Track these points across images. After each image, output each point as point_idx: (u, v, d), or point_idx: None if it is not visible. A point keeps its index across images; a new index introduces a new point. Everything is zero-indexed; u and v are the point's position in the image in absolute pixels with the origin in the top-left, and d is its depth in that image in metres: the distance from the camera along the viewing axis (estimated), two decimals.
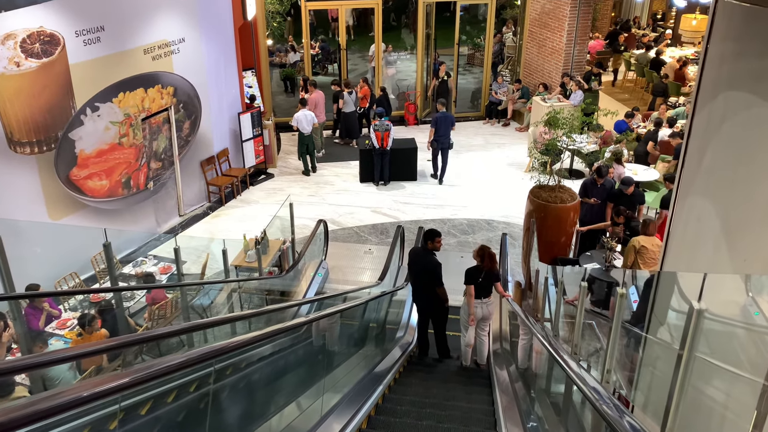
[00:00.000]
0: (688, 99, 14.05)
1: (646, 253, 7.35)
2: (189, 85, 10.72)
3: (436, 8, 21.13)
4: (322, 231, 9.46)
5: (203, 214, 11.37)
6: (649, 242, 7.37)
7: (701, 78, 4.20)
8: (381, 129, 11.91)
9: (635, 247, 7.39)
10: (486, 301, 6.82)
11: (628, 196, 8.89)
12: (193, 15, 10.53)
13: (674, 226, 4.47)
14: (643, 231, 7.48)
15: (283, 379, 5.28)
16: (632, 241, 7.51)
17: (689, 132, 4.34)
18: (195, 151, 11.22)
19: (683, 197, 4.37)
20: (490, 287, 6.81)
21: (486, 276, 6.69)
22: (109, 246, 4.70)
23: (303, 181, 12.52)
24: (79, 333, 7.04)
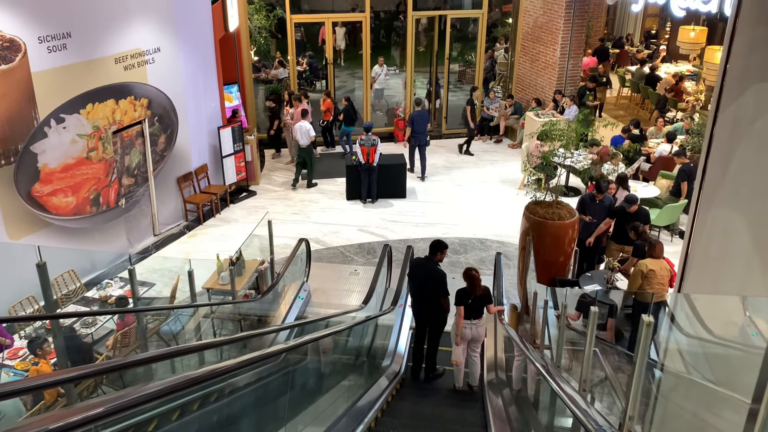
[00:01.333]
0: (685, 114, 13.64)
1: (654, 278, 6.78)
2: (165, 97, 10.16)
3: (428, 25, 20.96)
4: (304, 250, 8.85)
5: (179, 233, 10.74)
6: (657, 266, 6.80)
7: (725, 72, 3.67)
8: (367, 144, 11.37)
9: (642, 271, 6.82)
10: (476, 322, 6.63)
11: (631, 214, 8.35)
12: (170, 24, 10.00)
13: (695, 242, 3.91)
14: (650, 253, 6.92)
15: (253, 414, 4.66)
16: (639, 264, 6.94)
17: (711, 135, 3.80)
18: (171, 167, 10.62)
19: (705, 209, 3.82)
20: (479, 309, 6.62)
21: (476, 298, 6.53)
22: (44, 266, 4.06)
23: (287, 199, 11.93)
24: (34, 362, 6.39)
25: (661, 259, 6.90)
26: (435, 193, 12.14)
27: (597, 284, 7.54)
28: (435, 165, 13.53)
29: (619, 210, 8.50)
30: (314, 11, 17.89)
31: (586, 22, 13.88)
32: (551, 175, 9.39)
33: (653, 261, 6.85)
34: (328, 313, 8.06)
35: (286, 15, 13.91)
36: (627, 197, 8.44)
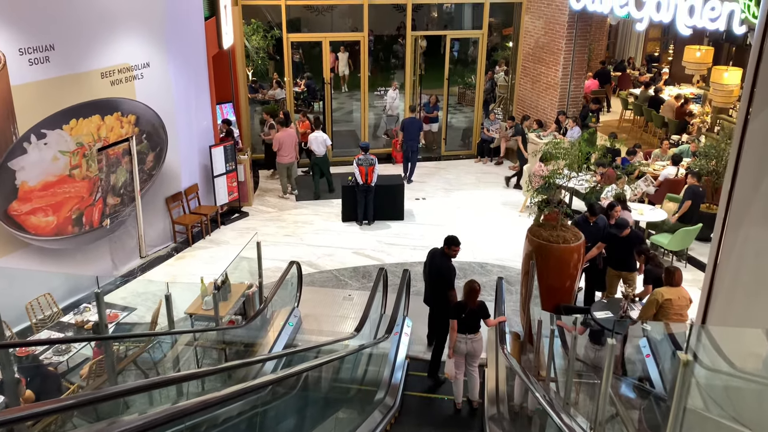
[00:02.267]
0: (691, 137, 13.30)
1: (671, 308, 6.33)
2: (154, 114, 9.80)
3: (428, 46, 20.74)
4: (295, 274, 8.41)
5: (167, 255, 10.31)
6: (675, 294, 6.36)
7: (757, 69, 3.29)
8: (365, 164, 10.99)
9: (658, 301, 6.38)
10: (471, 337, 6.63)
11: (622, 239, 7.95)
12: (161, 38, 9.69)
13: (722, 266, 3.48)
14: (668, 281, 6.48)
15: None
16: (655, 293, 6.49)
17: (740, 143, 3.40)
18: (160, 187, 10.22)
19: (734, 229, 3.41)
20: (475, 324, 6.62)
21: (470, 313, 6.55)
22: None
23: (280, 221, 11.52)
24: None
25: (680, 288, 6.45)
26: (434, 215, 11.74)
27: (609, 312, 7.09)
28: (434, 186, 13.16)
29: (610, 235, 8.10)
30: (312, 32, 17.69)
31: (588, 42, 13.60)
32: (554, 197, 8.97)
33: (670, 290, 6.41)
34: (319, 341, 7.60)
35: (283, 34, 13.62)
36: (617, 221, 8.06)
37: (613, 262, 8.17)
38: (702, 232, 10.34)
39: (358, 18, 13.78)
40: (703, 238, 10.66)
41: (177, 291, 8.77)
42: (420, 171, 14.00)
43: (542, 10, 13.76)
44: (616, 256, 8.14)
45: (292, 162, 12.27)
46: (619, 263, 8.14)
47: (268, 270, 9.22)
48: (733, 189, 3.38)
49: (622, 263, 8.12)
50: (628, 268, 8.13)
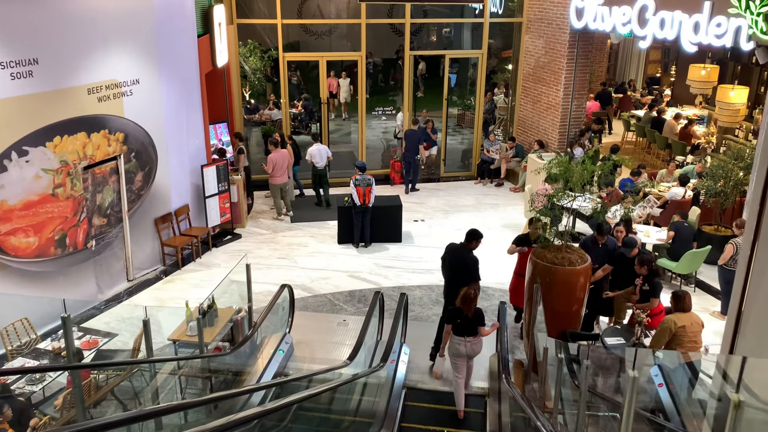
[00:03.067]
0: (696, 158, 12.99)
1: (685, 335, 5.94)
2: (143, 132, 9.49)
3: (427, 69, 20.57)
4: (287, 298, 8.01)
5: (155, 278, 9.91)
6: (687, 320, 5.98)
7: None
8: (363, 184, 10.65)
9: (671, 329, 5.98)
10: (470, 339, 6.66)
11: (631, 259, 7.57)
12: (152, 54, 9.42)
13: (753, 290, 3.11)
14: (678, 306, 6.10)
15: None
16: (666, 321, 6.10)
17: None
18: (149, 207, 9.87)
19: (766, 251, 3.04)
20: (473, 328, 6.63)
21: (466, 319, 6.57)
22: None
23: (273, 243, 11.14)
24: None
25: (691, 313, 6.07)
26: (433, 238, 11.37)
27: (621, 339, 6.69)
28: (433, 208, 12.81)
29: (618, 256, 7.71)
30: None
31: (590, 61, 13.37)
32: (558, 219, 8.61)
33: (682, 315, 6.03)
34: (312, 369, 7.19)
35: (279, 53, 13.39)
36: (625, 241, 7.68)
37: (622, 285, 7.79)
38: (711, 255, 9.96)
39: (357, 41, 13.55)
40: (712, 261, 10.29)
41: (164, 316, 8.41)
42: (419, 192, 13.68)
43: (542, 29, 13.56)
44: (625, 279, 7.75)
45: (285, 182, 11.94)
46: (627, 285, 7.76)
47: (260, 294, 8.85)
48: (762, 211, 3.01)
49: (630, 285, 7.75)
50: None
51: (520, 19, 14.22)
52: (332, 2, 20.60)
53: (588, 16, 11.91)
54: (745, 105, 11.20)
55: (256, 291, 9.17)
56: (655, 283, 7.38)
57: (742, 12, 8.74)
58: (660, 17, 10.19)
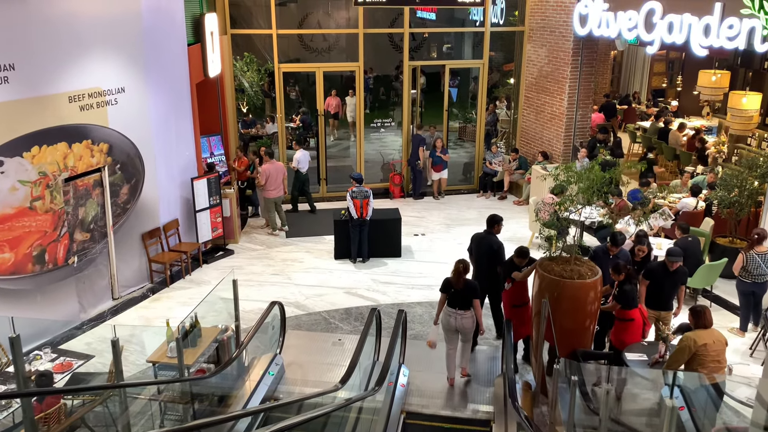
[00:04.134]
0: (706, 168, 12.54)
1: (707, 354, 5.42)
2: (129, 143, 9.07)
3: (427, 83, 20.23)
4: (277, 316, 7.51)
5: (142, 296, 9.44)
6: (709, 338, 5.47)
7: None
8: (360, 196, 10.19)
9: (690, 347, 5.47)
10: (461, 312, 6.92)
11: (673, 273, 7.05)
12: (138, 62, 9.02)
13: None
14: (699, 323, 5.60)
15: None
16: (686, 339, 5.59)
17: None
18: (135, 222, 9.42)
19: None
20: (464, 301, 6.91)
21: (459, 291, 6.90)
22: None
23: (267, 258, 10.66)
24: None
25: (712, 330, 5.56)
26: (434, 252, 10.89)
27: (645, 355, 6.18)
28: (434, 222, 12.35)
29: (658, 269, 7.18)
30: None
31: (594, 69, 12.97)
32: (564, 231, 8.11)
33: (702, 333, 5.52)
34: (303, 393, 6.69)
35: (275, 64, 13.02)
36: (670, 250, 7.14)
37: (652, 301, 7.24)
38: (726, 269, 9.45)
39: (356, 55, 13.17)
40: (727, 274, 9.78)
41: (148, 336, 7.92)
42: (419, 206, 13.24)
43: (545, 37, 13.18)
44: (657, 294, 7.21)
45: (280, 196, 11.49)
46: (660, 301, 7.22)
47: (251, 312, 8.39)
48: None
49: (663, 302, 7.19)
50: (668, 307, 7.25)
51: (521, 28, 13.86)
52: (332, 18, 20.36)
53: (592, 22, 11.52)
54: (758, 112, 10.74)
55: (247, 309, 8.73)
56: (626, 289, 6.90)
57: (755, 12, 8.34)
58: (668, 21, 9.78)
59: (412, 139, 13.59)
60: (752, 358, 7.82)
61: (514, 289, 7.49)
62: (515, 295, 7.50)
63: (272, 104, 17.95)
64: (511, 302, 7.54)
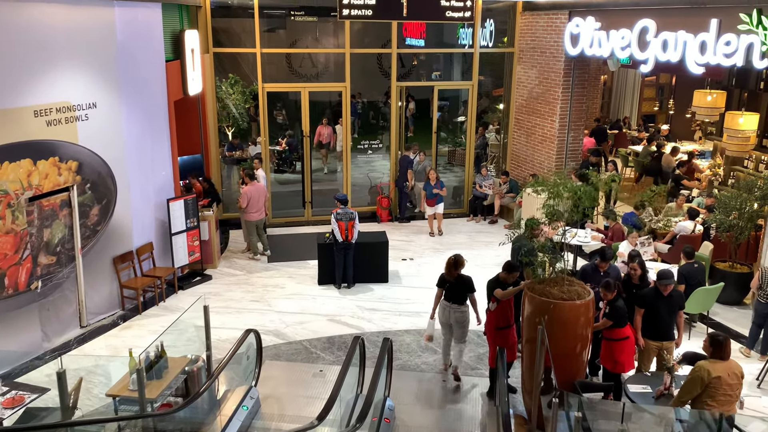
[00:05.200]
0: (702, 191, 12.23)
1: (719, 387, 4.96)
2: (100, 162, 8.60)
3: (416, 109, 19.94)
4: (253, 345, 6.98)
5: (112, 324, 8.88)
6: (724, 370, 5.01)
7: None
8: (345, 218, 9.74)
9: (703, 378, 5.01)
10: (454, 307, 7.18)
11: (668, 298, 6.61)
12: (111, 77, 8.60)
13: None
14: (717, 353, 5.13)
15: None
16: (699, 368, 5.11)
17: None
18: (106, 245, 8.90)
19: None
20: (457, 296, 7.16)
21: (453, 285, 7.17)
22: None
23: (247, 284, 10.14)
24: None
25: (730, 361, 5.10)
26: (423, 277, 10.41)
27: (647, 387, 5.70)
28: (422, 246, 11.90)
29: (650, 294, 6.74)
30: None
31: (587, 90, 12.69)
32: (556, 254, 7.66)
33: (718, 364, 5.05)
34: (280, 429, 6.15)
35: (258, 84, 12.66)
36: (661, 273, 6.70)
37: (651, 330, 6.73)
38: (726, 294, 9.06)
39: (343, 76, 12.85)
40: (726, 300, 9.39)
41: (115, 367, 7.35)
42: (408, 230, 12.81)
43: (535, 58, 12.92)
44: (655, 322, 6.72)
45: (262, 219, 11.01)
46: (659, 330, 6.71)
47: (227, 341, 7.87)
48: None
49: (663, 331, 6.70)
50: (669, 336, 6.76)
51: (511, 49, 13.62)
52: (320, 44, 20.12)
53: (584, 41, 11.26)
54: (755, 132, 10.45)
55: (223, 338, 8.22)
56: (618, 306, 6.50)
57: (753, 28, 8.06)
58: (662, 39, 9.51)
59: (400, 161, 13.25)
60: (760, 389, 7.36)
61: (498, 309, 7.02)
62: (500, 316, 7.04)
63: (258, 128, 17.57)
64: (495, 324, 7.06)
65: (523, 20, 13.28)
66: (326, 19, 17.85)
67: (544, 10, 12.51)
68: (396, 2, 8.46)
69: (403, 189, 13.16)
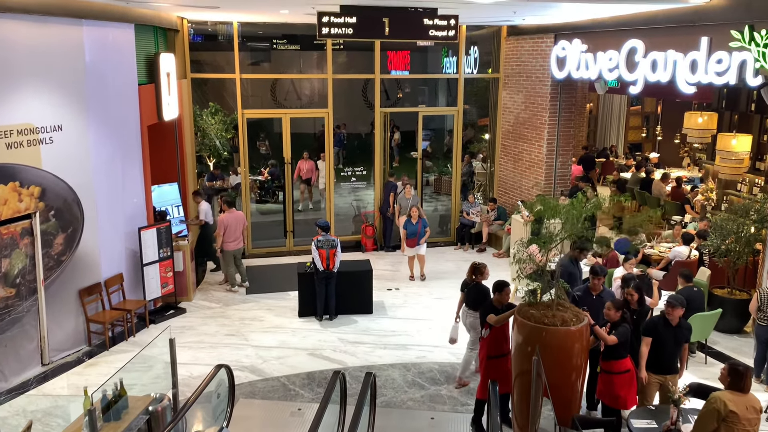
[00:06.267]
0: (695, 216, 11.93)
1: (737, 422, 4.50)
2: (66, 188, 8.12)
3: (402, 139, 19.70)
4: (225, 382, 6.43)
5: (76, 361, 8.29)
6: (742, 404, 4.55)
7: None
8: (326, 246, 9.28)
9: (719, 411, 4.54)
10: (471, 312, 7.31)
11: (675, 328, 6.15)
12: (79, 99, 8.18)
13: None
14: (733, 383, 4.67)
15: None
16: (714, 399, 4.64)
17: None
18: (71, 276, 8.36)
19: None
20: (473, 301, 7.25)
21: (472, 289, 7.37)
22: None
23: (223, 317, 9.60)
24: None
25: (748, 395, 4.65)
26: (409, 308, 9.94)
27: (652, 422, 5.22)
28: (409, 276, 11.40)
29: (659, 322, 6.26)
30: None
31: (574, 115, 12.45)
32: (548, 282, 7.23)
33: (736, 397, 4.59)
34: None
35: (238, 110, 12.30)
36: (671, 298, 6.26)
37: (655, 363, 6.22)
38: (725, 322, 8.65)
39: (326, 102, 12.55)
40: (726, 329, 8.99)
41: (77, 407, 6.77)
42: (392, 259, 12.35)
43: (521, 83, 12.70)
44: (659, 353, 6.21)
45: (240, 248, 10.53)
46: (662, 363, 6.20)
47: (199, 378, 7.29)
48: None
49: (667, 363, 6.21)
50: (673, 369, 6.28)
51: (496, 75, 13.40)
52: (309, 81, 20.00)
53: (571, 64, 11.03)
54: (748, 154, 10.18)
55: (195, 374, 7.68)
56: (621, 331, 6.05)
57: (746, 45, 7.82)
58: (651, 59, 9.28)
59: (384, 187, 12.90)
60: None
61: (491, 336, 6.56)
62: (493, 344, 6.58)
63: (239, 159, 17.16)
64: (487, 352, 6.59)
65: (508, 45, 13.10)
66: (310, 52, 17.70)
67: (529, 34, 12.32)
68: (378, 21, 8.15)
69: (386, 214, 12.74)
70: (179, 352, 8.23)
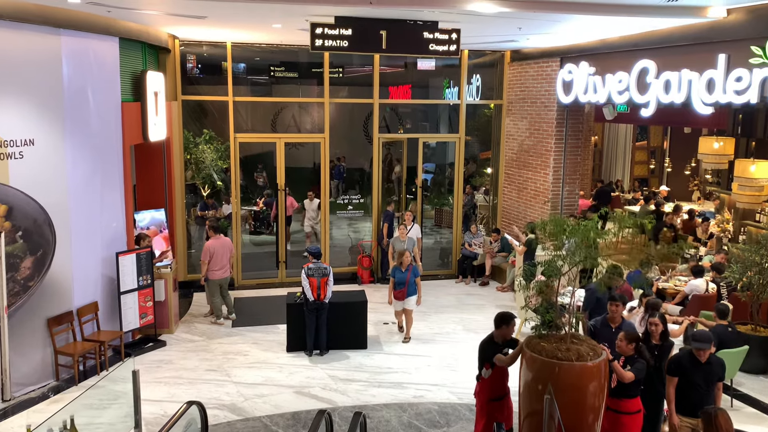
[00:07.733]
0: (708, 249, 11.29)
1: None
2: (36, 207, 7.53)
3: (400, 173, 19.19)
4: (196, 421, 5.72)
5: (41, 397, 7.57)
6: None
7: None
8: (317, 274, 8.63)
9: None
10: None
11: (704, 366, 5.47)
12: (54, 112, 7.65)
13: None
14: None
15: None
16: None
17: None
18: (40, 303, 7.70)
19: None
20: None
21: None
22: None
23: (206, 351, 8.89)
24: None
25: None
26: (406, 344, 9.22)
27: None
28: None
29: (685, 359, 5.58)
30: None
31: (581, 142, 11.92)
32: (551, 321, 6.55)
33: None
34: None
35: (230, 134, 11.81)
36: (696, 335, 5.58)
37: (685, 404, 5.55)
38: (749, 362, 7.93)
39: (322, 127, 12.07)
40: (750, 369, 8.26)
41: None
42: None
43: (525, 109, 12.22)
44: (688, 394, 5.56)
45: (226, 277, 9.87)
46: (695, 405, 5.48)
47: (165, 417, 6.54)
48: None
49: (699, 405, 5.48)
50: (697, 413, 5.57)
51: (499, 101, 12.95)
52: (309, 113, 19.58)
53: (578, 88, 10.54)
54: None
55: (168, 412, 6.95)
56: (640, 367, 5.47)
57: (767, 61, 7.32)
58: (664, 79, 8.78)
59: (382, 217, 12.35)
60: None
61: (494, 376, 5.87)
62: (495, 386, 5.90)
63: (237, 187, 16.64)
64: (489, 394, 5.90)
65: (511, 70, 12.67)
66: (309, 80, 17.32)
67: (533, 58, 11.89)
68: (375, 33, 7.69)
69: (381, 245, 12.14)
70: (154, 388, 7.60)
